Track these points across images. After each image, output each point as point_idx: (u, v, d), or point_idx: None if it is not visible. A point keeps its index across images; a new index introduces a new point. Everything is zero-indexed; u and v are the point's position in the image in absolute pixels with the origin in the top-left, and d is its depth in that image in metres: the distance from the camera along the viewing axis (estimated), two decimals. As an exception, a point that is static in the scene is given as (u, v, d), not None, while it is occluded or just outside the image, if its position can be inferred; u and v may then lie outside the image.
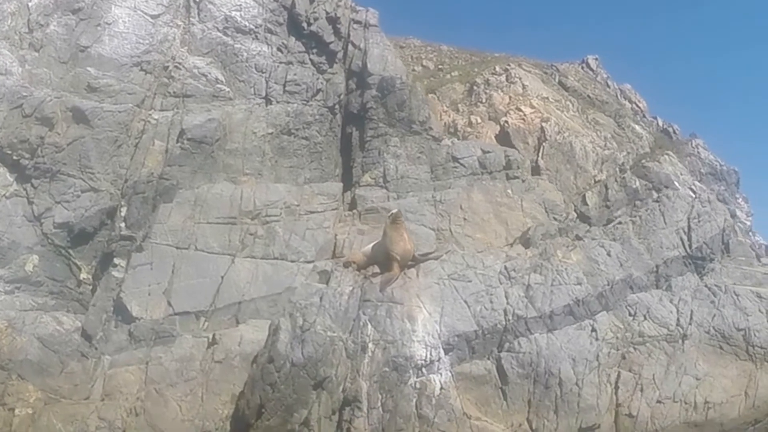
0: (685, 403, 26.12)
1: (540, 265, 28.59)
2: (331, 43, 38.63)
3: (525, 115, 43.75)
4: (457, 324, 26.18)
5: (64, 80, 33.85)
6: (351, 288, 26.71)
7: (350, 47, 39.26)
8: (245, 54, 36.94)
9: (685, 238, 31.79)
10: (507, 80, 47.99)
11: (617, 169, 43.46)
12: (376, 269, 27.63)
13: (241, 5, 37.93)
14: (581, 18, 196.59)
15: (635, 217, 32.52)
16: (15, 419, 26.87)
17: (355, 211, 34.26)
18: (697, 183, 45.16)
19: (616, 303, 28.38)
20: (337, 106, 37.90)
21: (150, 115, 34.61)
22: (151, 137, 34.16)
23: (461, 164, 36.72)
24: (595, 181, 41.91)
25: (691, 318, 28.35)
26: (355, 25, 39.66)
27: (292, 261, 31.32)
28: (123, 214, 32.91)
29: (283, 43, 38.02)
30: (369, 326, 25.46)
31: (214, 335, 28.08)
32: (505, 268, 28.32)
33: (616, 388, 26.15)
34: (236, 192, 32.69)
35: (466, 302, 26.84)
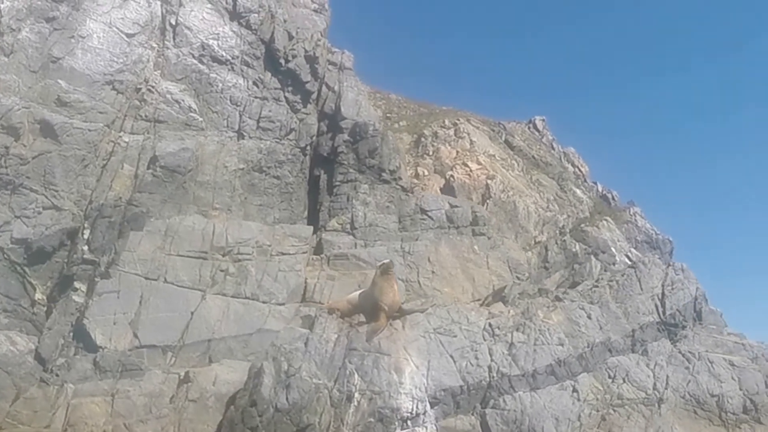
0: (663, 467, 26.76)
1: (523, 324, 28.84)
2: (308, 82, 38.53)
3: (471, 170, 44.58)
4: (443, 378, 26.11)
5: (33, 90, 32.66)
6: (336, 335, 26.34)
7: (324, 89, 39.35)
8: (220, 84, 36.47)
9: (659, 304, 32.62)
10: (455, 134, 48.91)
11: (557, 232, 44.58)
12: (361, 318, 27.52)
13: (218, 34, 37.53)
14: (529, 78, 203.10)
15: (612, 282, 33.28)
16: (-35, 445, 25.57)
17: (322, 255, 34.03)
18: (633, 250, 46.74)
19: (596, 365, 28.88)
20: (308, 147, 37.76)
21: (120, 137, 33.74)
22: (120, 160, 33.30)
23: (429, 217, 37.06)
24: (536, 242, 42.90)
25: (667, 383, 29.07)
26: (330, 67, 39.84)
27: (264, 302, 30.93)
28: (86, 236, 31.79)
29: (259, 77, 37.69)
30: (356, 375, 25.10)
31: (187, 373, 27.19)
32: (489, 325, 28.48)
33: (598, 449, 26.60)
34: (208, 226, 32.12)
35: (452, 357, 26.85)
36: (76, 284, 30.76)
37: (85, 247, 31.57)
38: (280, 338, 26.79)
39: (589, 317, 30.29)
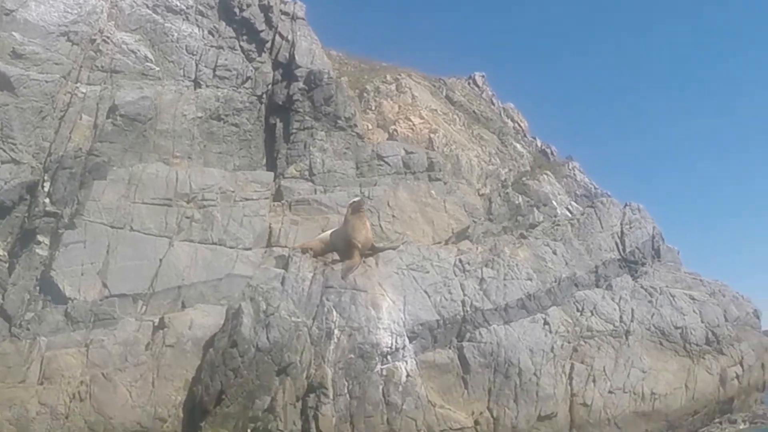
0: (634, 394, 27.63)
1: (491, 260, 29.36)
2: (262, 31, 38.43)
3: (414, 125, 44.82)
4: (419, 313, 26.49)
5: (-14, 44, 31.80)
6: (312, 274, 26.55)
7: (278, 38, 39.15)
8: (175, 34, 36.08)
9: (619, 242, 33.54)
10: (397, 90, 49.01)
11: (500, 185, 45.34)
12: (335, 256, 27.77)
13: (171, -17, 36.94)
14: (469, 34, 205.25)
15: (573, 220, 34.10)
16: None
17: (283, 201, 34.01)
18: (573, 203, 47.85)
19: (564, 299, 29.61)
20: (264, 96, 37.59)
21: (77, 88, 33.10)
22: (77, 111, 32.66)
23: (386, 163, 37.30)
24: (479, 195, 43.57)
25: (632, 316, 29.98)
26: (283, 16, 39.62)
27: (231, 247, 30.71)
28: (47, 189, 31.11)
29: (214, 26, 37.42)
30: (334, 312, 25.35)
31: (162, 319, 26.97)
32: (460, 261, 28.94)
33: (571, 378, 27.21)
34: (171, 173, 31.70)
35: (426, 292, 27.23)
36: (39, 237, 30.06)
37: (47, 200, 30.86)
38: (256, 278, 27.02)
39: (554, 253, 31.00)
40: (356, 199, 28.50)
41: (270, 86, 37.97)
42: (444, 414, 25.09)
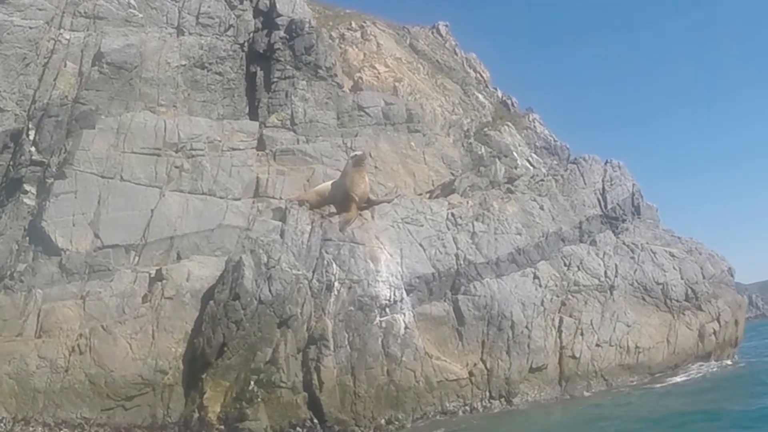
0: (620, 347, 28.85)
1: (482, 215, 30.11)
2: (245, -21, 38.01)
3: (379, 73, 44.98)
4: (416, 266, 27.19)
5: (-35, -13, 30.98)
6: (310, 226, 27.02)
7: (259, -15, 38.89)
8: (158, -20, 35.52)
9: (600, 198, 34.57)
10: (362, 37, 49.09)
11: (462, 135, 46.05)
12: (331, 209, 28.22)
13: (151, -73, 36.11)
14: None
15: (557, 176, 34.98)
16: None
17: (267, 151, 34.04)
18: (533, 155, 48.92)
19: (551, 254, 30.56)
20: (245, 44, 37.43)
21: (60, 34, 32.51)
22: (62, 58, 32.11)
23: (367, 113, 37.58)
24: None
25: (616, 271, 31.09)
26: (263, -36, 39.28)
27: (221, 197, 30.67)
28: (32, 137, 30.64)
29: (195, -28, 36.84)
30: (334, 265, 25.87)
31: (159, 270, 26.92)
32: (452, 215, 29.62)
33: (560, 331, 28.26)
34: (159, 123, 31.44)
35: (421, 245, 27.92)
36: (26, 187, 29.63)
37: (32, 149, 30.32)
38: (254, 230, 27.29)
39: (541, 208, 31.89)
40: (358, 152, 28.83)
41: (251, 34, 37.77)
42: (440, 365, 25.95)
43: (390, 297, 25.99)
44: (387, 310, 25.87)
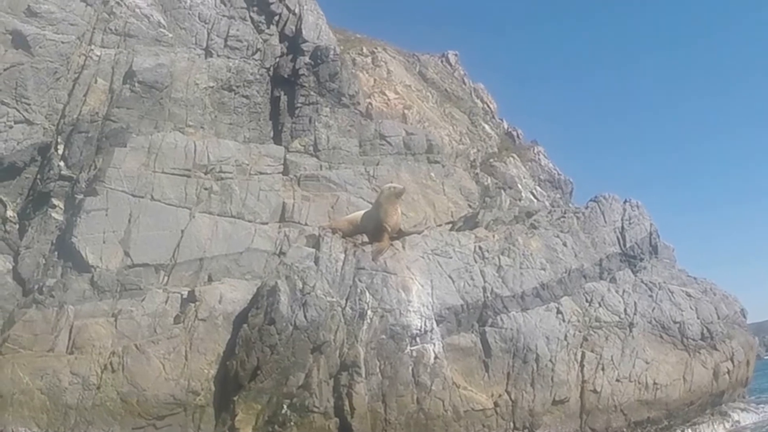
0: (639, 383, 30.43)
1: (507, 249, 31.70)
2: (273, 3, 39.87)
3: (389, 99, 46.75)
4: (446, 297, 28.66)
5: (1, 0, 32.37)
6: (343, 254, 28.47)
7: (284, 10, 40.49)
8: (188, 1, 37.27)
9: (620, 237, 36.33)
10: (373, 63, 50.95)
11: (469, 165, 47.94)
12: (364, 238, 29.72)
13: (182, -51, 37.73)
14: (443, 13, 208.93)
15: (578, 213, 36.80)
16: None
17: (291, 176, 35.53)
18: (537, 188, 50.88)
19: (574, 289, 32.22)
20: (271, 68, 38.99)
21: (91, 50, 34.01)
22: (92, 74, 33.63)
23: (388, 142, 39.25)
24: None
25: (635, 309, 32.72)
26: (288, -12, 40.95)
27: (249, 221, 32.28)
28: (60, 152, 32.13)
29: (226, -5, 38.50)
30: (367, 294, 27.22)
31: (192, 291, 28.33)
32: (479, 248, 31.21)
33: (582, 366, 29.77)
34: (189, 144, 32.95)
35: (450, 277, 29.43)
36: (54, 201, 31.14)
37: (61, 163, 31.86)
38: (289, 257, 28.75)
39: (564, 245, 33.52)
40: (398, 186, 30.26)
41: (277, 59, 39.34)
42: (467, 395, 27.31)
43: (421, 327, 27.36)
44: (418, 339, 27.22)
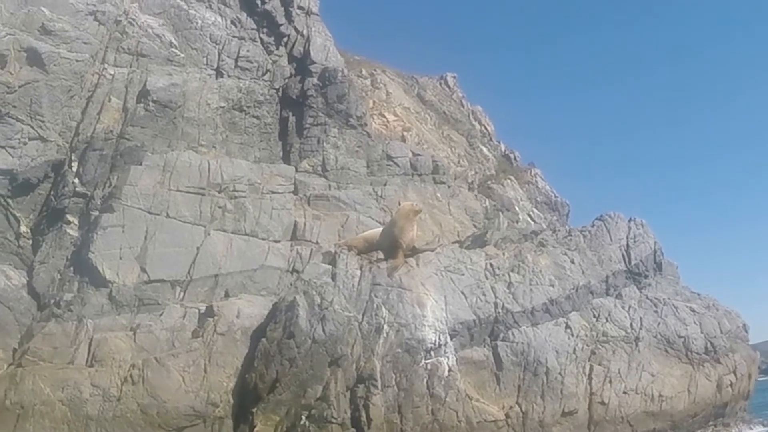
0: (645, 395, 32.14)
1: (517, 266, 33.33)
2: (282, 25, 41.26)
3: (388, 121, 48.25)
4: (459, 312, 30.25)
5: (15, 17, 33.45)
6: (359, 271, 29.84)
7: (293, 32, 41.90)
8: (199, 22, 38.42)
9: (625, 254, 38.00)
10: (372, 85, 52.32)
11: (467, 187, 49.36)
12: (378, 255, 31.11)
13: (193, -30, 39.07)
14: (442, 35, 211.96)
15: (585, 231, 38.42)
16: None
17: (301, 195, 36.78)
18: (534, 210, 52.46)
19: (582, 305, 33.86)
20: (280, 89, 40.38)
21: (104, 69, 35.20)
22: (106, 93, 34.77)
23: (395, 163, 40.69)
24: None
25: (641, 324, 34.40)
26: (298, 11, 42.29)
27: (263, 239, 33.42)
28: (74, 169, 33.20)
29: (236, 17, 39.95)
30: (383, 309, 28.62)
31: (210, 307, 29.53)
32: (490, 265, 32.81)
33: (590, 379, 31.42)
34: (203, 163, 34.13)
35: (462, 293, 31.00)
36: (69, 217, 32.14)
37: (76, 180, 32.91)
38: (307, 273, 30.06)
39: (572, 262, 35.15)
40: (417, 204, 32.02)
41: (286, 80, 40.73)
42: (479, 407, 28.83)
43: (435, 341, 28.81)
44: (432, 353, 28.67)
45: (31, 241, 32.36)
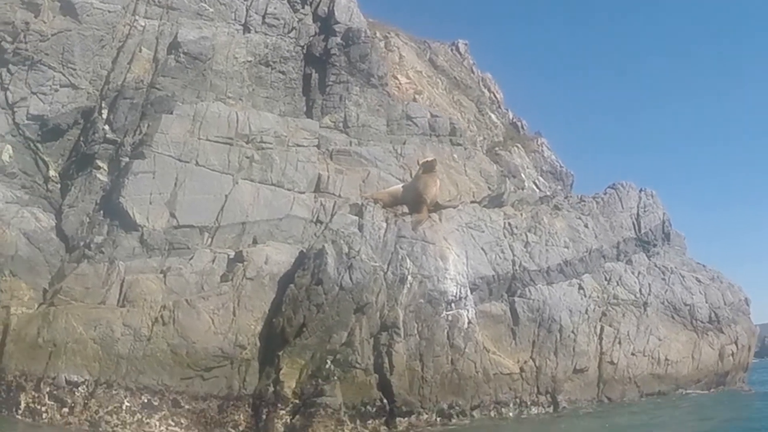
0: (652, 358, 34.18)
1: (534, 227, 35.16)
2: (309, -17, 42.63)
3: (400, 83, 49.44)
4: (479, 267, 31.99)
5: (49, -33, 34.70)
6: (385, 223, 31.48)
7: (318, -9, 43.38)
8: (228, -22, 39.84)
9: (635, 223, 40.00)
10: (386, 47, 53.43)
11: (475, 152, 51.05)
12: (403, 209, 32.77)
13: (218, -74, 40.32)
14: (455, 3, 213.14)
15: (598, 198, 40.32)
16: (12, 318, 28.12)
17: (323, 150, 38.20)
18: (540, 178, 54.17)
19: (594, 268, 35.78)
20: (305, 47, 41.86)
21: (136, 20, 36.62)
22: (136, 43, 36.19)
23: (414, 123, 42.17)
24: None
25: (650, 289, 36.40)
26: (320, -29, 43.72)
27: (288, 189, 34.80)
28: (104, 116, 34.61)
29: (263, -26, 41.26)
30: (408, 260, 30.23)
31: (240, 252, 31.00)
32: (509, 224, 34.60)
33: (600, 339, 33.42)
34: (232, 114, 35.45)
35: (482, 249, 32.76)
36: (99, 163, 33.57)
37: (106, 127, 34.35)
38: (335, 223, 31.65)
39: (586, 226, 37.02)
40: (430, 158, 33.50)
41: (310, 38, 42.20)
42: (496, 360, 30.60)
43: (456, 293, 30.48)
44: (453, 305, 30.30)
45: (59, 185, 33.80)
